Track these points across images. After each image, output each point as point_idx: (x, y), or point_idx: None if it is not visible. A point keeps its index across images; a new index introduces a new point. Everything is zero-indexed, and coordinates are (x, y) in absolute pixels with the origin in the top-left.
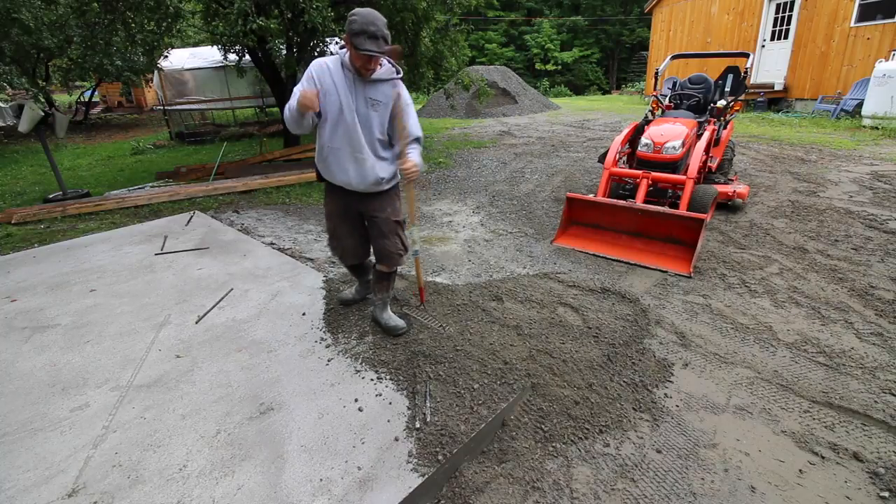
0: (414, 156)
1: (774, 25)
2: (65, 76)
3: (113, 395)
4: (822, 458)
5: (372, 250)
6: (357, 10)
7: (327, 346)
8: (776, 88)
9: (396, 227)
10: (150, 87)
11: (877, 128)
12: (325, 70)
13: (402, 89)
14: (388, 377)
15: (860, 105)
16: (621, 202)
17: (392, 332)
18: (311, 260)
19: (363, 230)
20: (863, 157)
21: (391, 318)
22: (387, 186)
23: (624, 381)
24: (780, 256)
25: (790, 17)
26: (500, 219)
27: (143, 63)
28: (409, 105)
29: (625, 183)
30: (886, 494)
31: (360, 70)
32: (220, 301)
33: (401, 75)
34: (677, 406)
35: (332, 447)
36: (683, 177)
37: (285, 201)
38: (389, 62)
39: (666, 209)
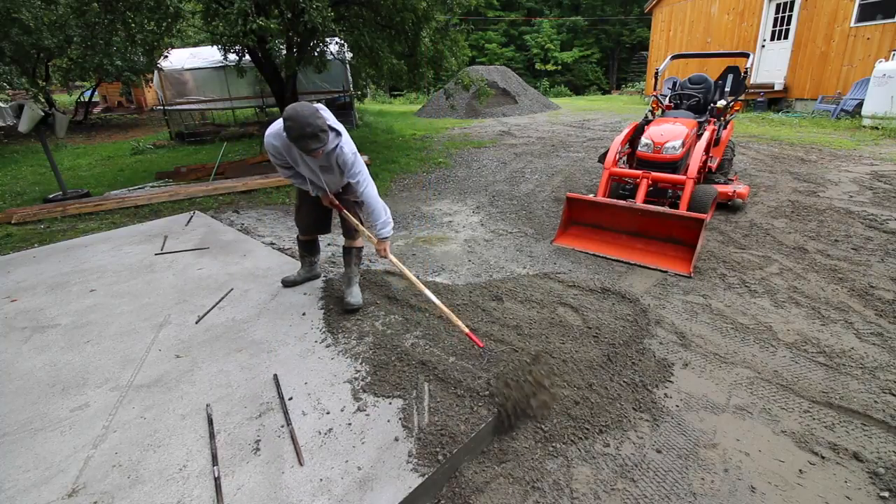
0: (385, 232)
1: (774, 25)
2: (65, 76)
3: (113, 395)
4: (822, 458)
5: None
6: (287, 112)
7: (327, 346)
8: (776, 88)
9: (354, 207)
10: (150, 87)
11: (877, 128)
12: (279, 148)
13: (343, 151)
14: (388, 377)
15: (860, 105)
16: (621, 202)
17: (345, 307)
18: None
19: (326, 211)
20: (863, 157)
21: (352, 293)
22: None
23: (624, 381)
24: (780, 256)
25: (790, 17)
26: (500, 219)
27: (143, 63)
28: (358, 174)
29: (625, 183)
30: (886, 494)
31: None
32: (220, 301)
33: (340, 137)
34: (677, 406)
35: (332, 447)
36: (683, 177)
37: (285, 201)
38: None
39: (666, 209)
